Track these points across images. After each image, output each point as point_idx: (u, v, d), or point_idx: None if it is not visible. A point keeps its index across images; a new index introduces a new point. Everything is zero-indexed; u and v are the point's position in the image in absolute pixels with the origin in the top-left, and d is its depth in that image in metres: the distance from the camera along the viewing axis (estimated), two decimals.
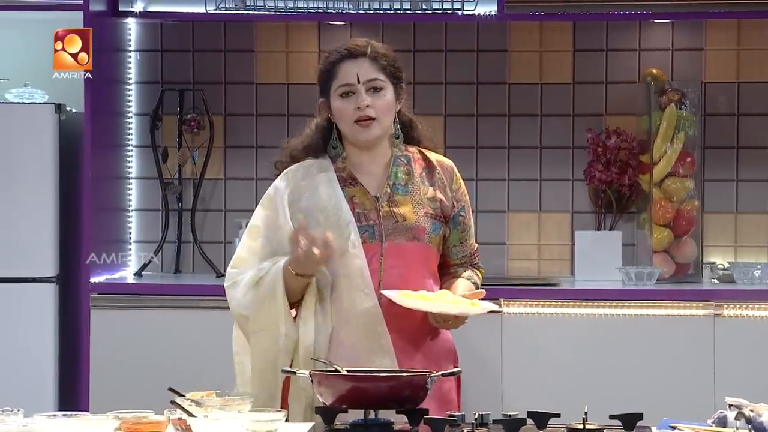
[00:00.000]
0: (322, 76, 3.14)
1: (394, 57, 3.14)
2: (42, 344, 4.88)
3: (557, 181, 5.23)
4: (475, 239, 3.27)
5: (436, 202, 3.14)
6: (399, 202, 3.11)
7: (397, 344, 3.02)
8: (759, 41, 5.17)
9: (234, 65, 5.32)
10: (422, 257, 3.10)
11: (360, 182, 3.12)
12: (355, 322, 3.02)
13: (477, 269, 3.26)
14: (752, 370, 4.52)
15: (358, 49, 3.10)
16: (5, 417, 2.48)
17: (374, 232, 3.07)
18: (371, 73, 3.09)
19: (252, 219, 3.15)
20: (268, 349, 3.00)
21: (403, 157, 3.17)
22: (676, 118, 4.96)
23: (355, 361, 2.93)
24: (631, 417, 2.52)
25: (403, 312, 3.00)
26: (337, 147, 3.16)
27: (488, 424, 2.56)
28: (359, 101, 3.07)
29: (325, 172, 3.13)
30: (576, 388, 4.52)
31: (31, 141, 4.93)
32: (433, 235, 3.12)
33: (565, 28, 5.23)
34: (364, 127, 3.08)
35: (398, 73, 3.14)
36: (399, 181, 3.13)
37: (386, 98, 3.10)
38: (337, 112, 3.11)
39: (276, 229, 3.09)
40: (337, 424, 2.60)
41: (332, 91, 3.11)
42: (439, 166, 3.19)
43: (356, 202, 3.09)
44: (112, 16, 5.11)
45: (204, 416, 2.54)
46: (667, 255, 5.00)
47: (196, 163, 5.27)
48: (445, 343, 3.14)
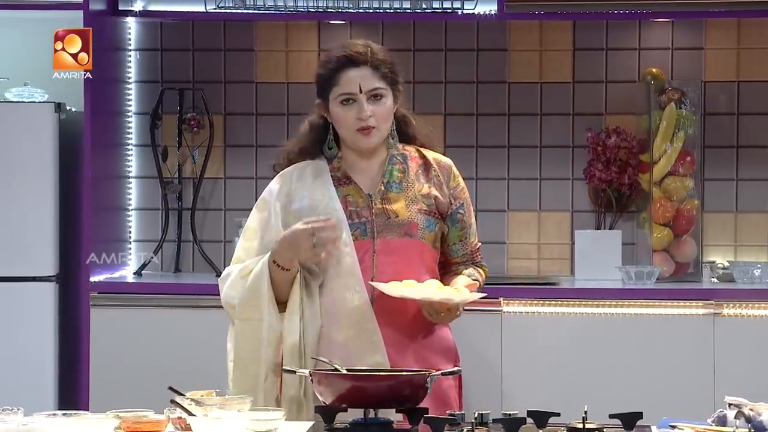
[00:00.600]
0: (321, 81, 3.14)
1: (392, 61, 3.15)
2: (42, 343, 4.88)
3: (557, 180, 5.23)
4: (477, 238, 3.27)
5: (430, 199, 3.15)
6: (392, 199, 3.12)
7: (388, 340, 3.02)
8: (759, 41, 5.17)
9: (234, 64, 5.32)
10: (415, 253, 3.10)
11: (354, 181, 3.14)
12: (345, 319, 3.03)
13: (480, 267, 3.26)
14: (752, 369, 4.52)
15: (360, 57, 3.09)
16: (5, 416, 2.48)
17: (366, 229, 3.08)
18: (373, 82, 3.09)
19: (248, 221, 3.17)
20: (251, 338, 3.02)
21: (400, 155, 3.18)
22: (675, 117, 4.96)
23: (347, 357, 2.94)
24: (631, 416, 2.52)
25: (394, 308, 3.02)
26: (333, 148, 3.17)
27: (488, 423, 2.56)
28: (361, 112, 3.08)
29: (320, 173, 3.15)
30: (576, 388, 4.52)
31: (30, 140, 4.93)
32: (427, 231, 3.13)
33: (565, 27, 5.23)
34: (365, 135, 3.10)
35: (397, 78, 3.15)
36: (393, 179, 3.14)
37: (386, 105, 3.11)
38: (337, 119, 3.12)
39: (269, 231, 3.10)
40: (337, 423, 2.60)
41: (332, 97, 3.11)
42: (436, 164, 3.20)
43: (349, 201, 3.11)
44: (112, 15, 5.11)
45: (204, 415, 2.54)
46: (666, 254, 5.00)
47: (195, 163, 5.27)
48: (442, 341, 3.14)
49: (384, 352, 3.00)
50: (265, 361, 3.00)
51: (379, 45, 3.18)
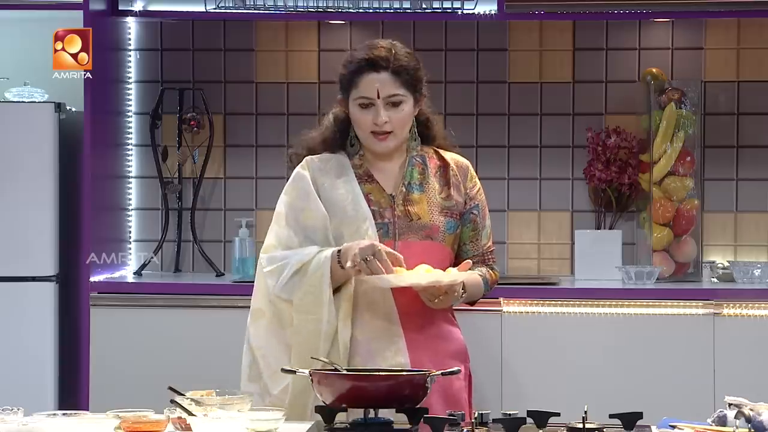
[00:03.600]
0: (343, 81, 3.14)
1: (415, 67, 3.13)
2: (42, 343, 4.88)
3: (557, 180, 5.23)
4: (491, 241, 3.27)
5: (451, 200, 3.16)
6: (414, 201, 3.12)
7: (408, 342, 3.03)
8: (759, 40, 5.17)
9: (234, 64, 5.32)
10: (435, 256, 3.10)
11: (376, 180, 3.14)
12: (369, 319, 3.03)
13: (491, 269, 3.26)
14: (752, 369, 4.52)
15: (381, 61, 3.08)
16: (5, 416, 2.49)
17: (388, 230, 3.09)
18: (392, 88, 3.09)
19: (278, 206, 3.16)
20: (312, 333, 3.01)
21: (419, 156, 3.19)
22: (675, 117, 4.96)
23: (369, 357, 2.97)
24: (631, 416, 2.52)
25: (414, 309, 3.03)
26: (354, 144, 3.17)
27: (488, 423, 2.56)
28: (377, 117, 3.08)
29: (343, 168, 3.15)
30: (576, 387, 4.52)
31: (30, 140, 4.93)
32: (447, 234, 3.14)
33: (565, 27, 5.23)
34: (380, 140, 3.10)
35: (419, 85, 3.14)
36: (414, 181, 3.15)
37: (404, 112, 3.11)
38: (355, 120, 3.13)
39: (300, 212, 3.10)
40: (337, 423, 2.60)
41: (351, 98, 3.12)
42: (454, 165, 3.21)
43: (372, 200, 3.11)
44: (112, 15, 5.11)
45: (204, 415, 2.54)
46: (666, 254, 5.00)
47: (195, 162, 5.27)
48: (456, 342, 3.15)
49: (406, 354, 3.02)
50: (322, 354, 2.99)
51: (404, 48, 3.16)
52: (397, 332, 3.03)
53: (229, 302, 4.60)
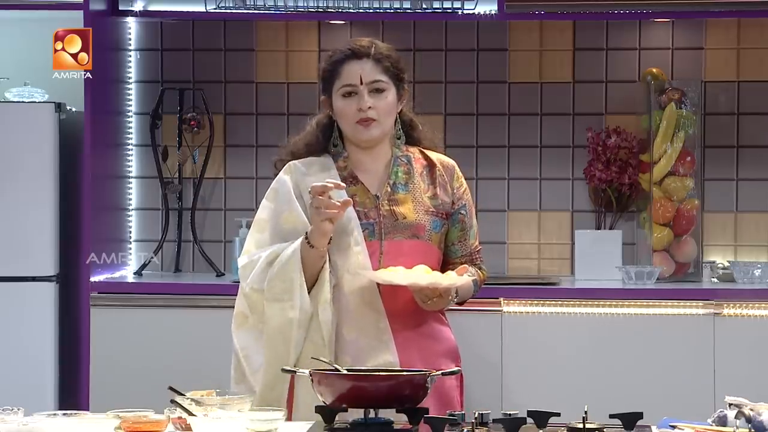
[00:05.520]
0: (325, 75, 3.16)
1: (397, 58, 3.16)
2: (42, 343, 4.88)
3: (557, 180, 5.23)
4: (478, 241, 3.27)
5: (436, 200, 3.16)
6: (399, 201, 3.12)
7: (398, 341, 3.03)
8: (759, 40, 5.17)
9: (234, 64, 5.32)
10: (422, 255, 3.10)
11: (361, 181, 3.14)
12: (357, 317, 3.03)
13: (479, 269, 3.26)
14: (752, 369, 4.52)
15: (362, 49, 3.12)
16: (5, 416, 2.49)
17: (374, 230, 3.09)
18: (374, 74, 3.11)
19: (258, 213, 3.17)
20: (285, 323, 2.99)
21: (404, 156, 3.19)
22: (676, 117, 4.96)
23: (358, 356, 2.97)
24: (631, 416, 2.52)
25: (402, 307, 3.03)
26: (338, 145, 3.18)
27: (488, 423, 2.56)
28: (361, 103, 3.09)
29: (327, 170, 3.15)
30: (576, 387, 4.52)
31: (31, 140, 4.93)
32: (433, 233, 3.13)
33: (565, 27, 5.23)
34: (365, 127, 3.11)
35: (401, 75, 3.16)
36: (399, 180, 3.15)
37: (388, 99, 3.12)
38: (339, 112, 3.13)
39: (279, 216, 3.11)
40: (337, 423, 2.60)
41: (335, 91, 3.13)
42: (440, 164, 3.21)
43: (357, 201, 3.11)
44: (112, 15, 5.11)
45: (204, 415, 2.54)
46: (667, 254, 5.00)
47: (196, 162, 5.27)
48: (446, 342, 3.15)
49: (394, 352, 3.02)
50: (296, 345, 2.99)
51: (386, 44, 3.19)
52: (386, 330, 3.03)
53: (229, 302, 4.53)
